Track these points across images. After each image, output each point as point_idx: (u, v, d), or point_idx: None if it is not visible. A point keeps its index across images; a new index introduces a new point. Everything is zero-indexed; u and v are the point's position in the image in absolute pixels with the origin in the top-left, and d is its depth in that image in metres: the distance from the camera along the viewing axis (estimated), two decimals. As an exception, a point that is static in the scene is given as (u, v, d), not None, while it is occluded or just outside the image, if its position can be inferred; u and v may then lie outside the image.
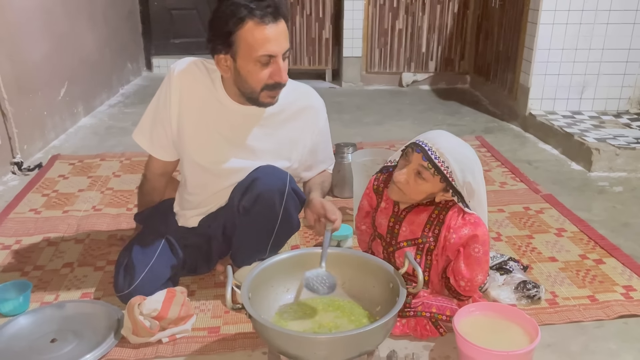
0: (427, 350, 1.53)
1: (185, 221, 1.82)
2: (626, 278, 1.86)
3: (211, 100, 1.66)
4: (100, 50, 4.05)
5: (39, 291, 1.80)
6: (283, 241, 1.80)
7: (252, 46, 1.49)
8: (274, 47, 1.49)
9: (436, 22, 4.56)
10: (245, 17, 1.46)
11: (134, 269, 1.65)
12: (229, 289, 1.23)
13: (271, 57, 1.51)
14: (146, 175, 1.87)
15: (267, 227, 1.67)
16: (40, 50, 3.14)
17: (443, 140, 1.49)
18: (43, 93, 3.15)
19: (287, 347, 1.20)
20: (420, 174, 1.48)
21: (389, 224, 1.61)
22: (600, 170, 2.80)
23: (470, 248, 1.51)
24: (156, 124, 1.72)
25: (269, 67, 1.52)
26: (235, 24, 1.47)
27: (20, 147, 2.86)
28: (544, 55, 3.32)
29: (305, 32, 4.64)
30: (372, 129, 3.57)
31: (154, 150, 1.78)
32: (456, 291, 1.56)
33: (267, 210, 1.63)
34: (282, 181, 1.63)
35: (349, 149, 2.47)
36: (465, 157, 1.49)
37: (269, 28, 1.47)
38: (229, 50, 1.53)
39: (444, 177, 1.47)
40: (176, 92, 1.66)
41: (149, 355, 1.51)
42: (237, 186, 1.67)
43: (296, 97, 1.73)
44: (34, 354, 1.48)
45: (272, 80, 1.54)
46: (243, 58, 1.52)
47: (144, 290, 1.61)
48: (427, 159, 1.45)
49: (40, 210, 2.38)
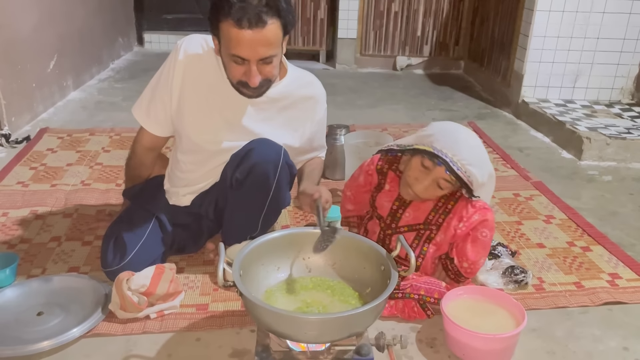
0: (414, 332, 1.54)
1: (177, 200, 1.81)
2: (612, 266, 1.88)
3: (214, 80, 1.65)
4: (91, 23, 3.97)
5: (26, 264, 1.78)
6: (273, 218, 1.80)
7: (227, 43, 1.49)
8: (245, 52, 1.47)
9: (432, 6, 4.53)
10: (226, 14, 1.44)
11: (125, 247, 1.64)
12: (221, 266, 1.22)
13: (243, 59, 1.49)
14: (134, 149, 1.85)
15: (259, 200, 1.67)
16: (30, 21, 3.07)
17: (462, 147, 1.44)
18: (32, 65, 3.09)
19: (277, 326, 1.20)
20: (440, 184, 1.47)
21: (392, 207, 1.61)
22: (591, 159, 2.82)
23: (478, 232, 1.53)
24: (155, 98, 1.70)
25: (243, 66, 1.51)
26: (219, 16, 1.47)
27: (8, 119, 2.82)
28: (539, 42, 3.32)
29: (300, 11, 4.59)
30: (365, 112, 3.56)
31: (148, 123, 1.75)
32: (457, 272, 1.58)
33: (260, 181, 1.63)
34: (277, 153, 1.63)
35: (341, 131, 2.46)
36: (484, 162, 1.48)
37: (243, 32, 1.44)
38: (217, 36, 1.52)
39: (465, 185, 1.46)
40: (180, 70, 1.64)
41: (137, 330, 1.50)
42: (232, 157, 1.67)
43: (300, 85, 1.73)
44: (20, 327, 1.47)
45: (245, 78, 1.53)
46: (222, 48, 1.52)
47: (133, 267, 1.60)
48: (451, 172, 1.43)
49: (28, 184, 2.35)
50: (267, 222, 1.76)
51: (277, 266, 1.44)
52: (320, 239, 1.43)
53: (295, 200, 2.28)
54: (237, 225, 1.73)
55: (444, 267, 1.61)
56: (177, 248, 1.82)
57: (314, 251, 1.43)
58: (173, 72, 1.65)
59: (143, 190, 1.85)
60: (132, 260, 1.63)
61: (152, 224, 1.73)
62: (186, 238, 1.82)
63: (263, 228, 1.74)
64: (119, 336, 1.49)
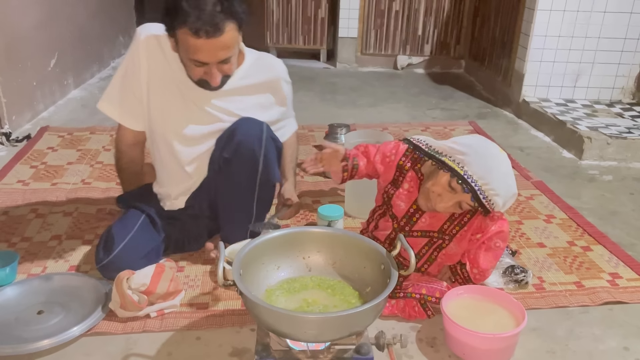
0: (415, 331, 1.54)
1: (171, 204, 1.82)
2: (612, 265, 1.88)
3: (175, 67, 1.65)
4: (92, 21, 3.97)
5: (26, 263, 1.78)
6: (267, 198, 1.78)
7: (186, 49, 1.50)
8: (206, 57, 1.49)
9: (433, 4, 4.52)
10: (183, 23, 1.45)
11: (113, 240, 1.64)
12: (221, 265, 1.22)
13: (203, 63, 1.51)
14: (118, 148, 1.84)
15: (249, 175, 1.67)
16: (31, 19, 3.07)
17: (495, 178, 1.40)
18: (32, 63, 3.09)
19: (277, 325, 1.20)
20: (461, 205, 1.45)
21: (409, 210, 1.58)
22: (591, 159, 2.81)
23: (492, 242, 1.52)
24: (126, 89, 1.70)
25: (203, 67, 1.53)
26: (175, 22, 1.48)
27: (9, 117, 2.82)
28: (540, 42, 3.31)
29: (300, 10, 4.59)
30: (366, 111, 3.55)
31: (124, 118, 1.76)
32: (466, 278, 1.58)
33: (247, 157, 1.64)
34: (260, 129, 1.65)
35: (342, 130, 2.46)
36: (510, 189, 1.44)
37: (201, 41, 1.46)
38: (174, 37, 1.53)
39: (486, 210, 1.44)
40: (144, 56, 1.65)
41: (137, 329, 1.50)
42: (217, 141, 1.69)
43: (260, 68, 1.73)
44: (20, 325, 1.47)
45: (205, 77, 1.55)
46: (180, 50, 1.54)
47: (122, 261, 1.60)
48: (476, 200, 1.40)
49: (28, 182, 2.35)
50: (261, 204, 1.75)
51: (277, 265, 1.44)
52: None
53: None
54: (232, 211, 1.74)
55: (452, 271, 1.61)
56: (177, 246, 1.82)
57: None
58: (139, 59, 1.65)
59: (136, 196, 1.85)
60: (120, 254, 1.62)
61: (141, 219, 1.73)
62: (185, 237, 1.83)
63: (259, 211, 1.75)
64: (119, 335, 1.49)
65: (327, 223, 1.94)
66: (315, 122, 3.22)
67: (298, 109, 2.22)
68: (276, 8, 4.59)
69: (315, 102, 3.71)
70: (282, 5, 4.58)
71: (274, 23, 4.63)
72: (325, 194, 2.34)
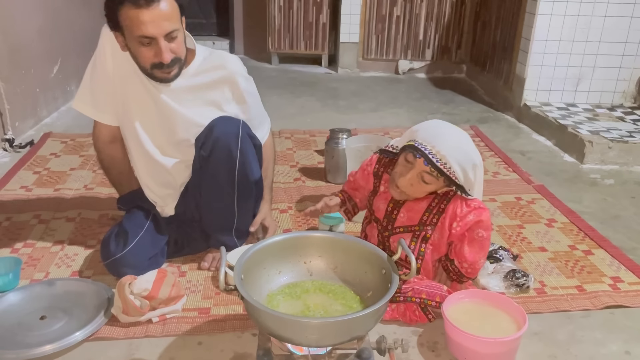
0: (416, 335, 1.54)
1: (162, 210, 1.84)
2: (614, 269, 1.88)
3: (130, 65, 1.66)
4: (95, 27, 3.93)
5: (29, 268, 1.79)
6: (248, 197, 1.78)
7: (130, 28, 1.52)
8: (150, 29, 1.51)
9: (434, 9, 4.54)
10: (121, 1, 1.49)
11: (127, 235, 1.67)
12: (223, 269, 1.23)
13: (150, 38, 1.53)
14: (96, 147, 1.86)
15: (227, 172, 1.69)
16: (34, 25, 3.09)
17: (442, 140, 1.46)
18: (36, 70, 3.11)
19: (279, 330, 1.20)
20: (423, 177, 1.48)
21: (387, 209, 1.62)
22: (593, 163, 2.82)
23: (474, 232, 1.53)
24: (96, 85, 1.73)
25: (151, 47, 1.55)
26: (116, 5, 1.51)
27: (12, 123, 2.84)
28: (540, 46, 3.32)
29: (302, 16, 4.61)
30: (367, 116, 3.56)
31: (99, 114, 1.78)
32: (458, 273, 1.58)
33: (224, 153, 1.66)
34: (237, 126, 1.68)
35: (343, 135, 2.46)
36: (464, 154, 1.48)
37: (143, 12, 1.49)
38: (118, 28, 1.56)
39: (447, 178, 1.47)
40: (109, 52, 1.67)
41: (139, 334, 1.51)
42: (196, 140, 1.71)
43: (211, 66, 1.72)
44: (23, 330, 1.48)
45: (157, 59, 1.57)
46: (128, 37, 1.56)
47: (134, 258, 1.63)
48: (430, 163, 1.45)
49: (31, 188, 2.37)
50: (243, 203, 1.76)
51: (278, 270, 1.44)
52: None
53: (297, 204, 2.29)
54: (214, 210, 1.75)
55: (444, 268, 1.61)
56: (177, 247, 1.85)
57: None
58: (104, 58, 1.68)
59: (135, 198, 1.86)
60: (135, 248, 1.65)
61: (150, 219, 1.77)
62: (184, 238, 1.85)
63: (241, 211, 1.77)
64: (122, 340, 1.49)
65: (328, 228, 1.95)
66: (316, 127, 3.23)
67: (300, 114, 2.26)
68: (278, 14, 4.60)
69: (316, 107, 3.72)
70: (284, 11, 4.60)
71: (276, 29, 4.64)
72: (327, 198, 2.34)
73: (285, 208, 2.24)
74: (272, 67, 4.74)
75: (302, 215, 2.16)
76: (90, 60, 1.74)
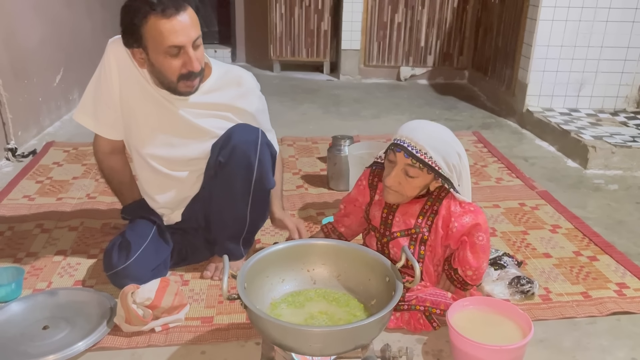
0: (420, 343, 1.53)
1: (168, 219, 1.84)
2: (619, 275, 1.87)
3: (146, 76, 1.66)
4: (97, 36, 4.00)
5: (32, 278, 1.79)
6: (261, 206, 1.77)
7: (159, 39, 1.52)
8: (180, 38, 1.52)
9: (435, 16, 4.55)
10: (148, 12, 1.50)
11: (130, 246, 1.65)
12: (226, 278, 1.22)
13: (179, 47, 1.53)
14: (98, 159, 1.86)
15: (244, 179, 1.67)
16: (36, 35, 3.11)
17: (419, 132, 1.50)
18: (38, 79, 3.12)
19: (282, 339, 1.19)
20: (408, 172, 1.50)
21: (382, 215, 1.62)
22: (596, 168, 2.81)
23: (474, 237, 1.52)
24: (99, 99, 1.72)
25: (180, 57, 1.55)
26: (140, 19, 1.51)
27: (15, 133, 2.84)
28: (542, 52, 3.32)
29: (303, 23, 4.62)
30: (369, 123, 3.56)
31: (100, 128, 1.78)
32: (462, 282, 1.57)
33: (243, 160, 1.65)
34: (255, 134, 1.67)
35: (345, 142, 2.46)
36: (443, 143, 1.51)
37: (172, 21, 1.50)
38: (140, 44, 1.56)
39: (431, 168, 1.48)
40: (115, 66, 1.67)
41: (142, 343, 1.50)
42: (213, 146, 1.70)
43: (229, 82, 1.72)
44: (26, 341, 1.47)
45: (185, 69, 1.57)
46: (153, 51, 1.55)
47: (137, 270, 1.62)
48: (410, 155, 1.47)
49: (33, 197, 2.37)
50: (255, 212, 1.74)
51: (281, 278, 1.44)
52: None
53: (300, 212, 2.29)
54: (225, 218, 1.73)
55: (448, 277, 1.61)
56: (180, 257, 1.83)
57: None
58: (110, 71, 1.67)
59: (139, 207, 1.86)
60: (137, 260, 1.64)
61: (154, 230, 1.75)
62: (188, 247, 1.84)
63: (253, 220, 1.75)
64: (124, 350, 1.49)
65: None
66: (319, 134, 3.23)
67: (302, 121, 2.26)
68: (279, 21, 4.62)
69: (318, 114, 3.72)
70: (286, 18, 4.62)
71: (278, 36, 4.66)
72: (329, 205, 2.34)
73: (288, 216, 2.24)
74: (273, 74, 4.76)
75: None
76: (94, 74, 1.73)
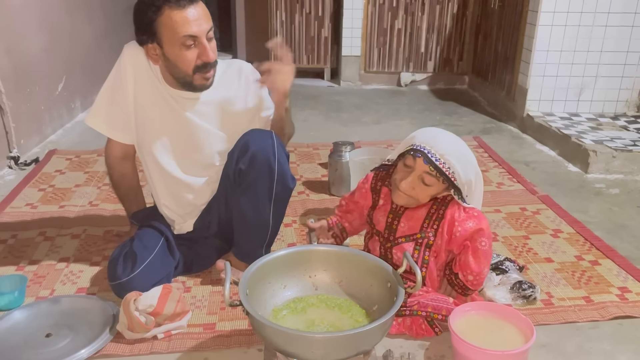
0: (423, 349, 1.53)
1: (180, 228, 1.83)
2: (621, 280, 1.87)
3: (154, 85, 1.68)
4: (99, 45, 4.03)
5: (35, 285, 1.79)
6: (282, 208, 1.77)
7: (174, 30, 1.54)
8: (195, 27, 1.55)
9: (435, 22, 4.57)
10: (162, 4, 1.53)
11: (136, 258, 1.65)
12: (227, 285, 1.23)
13: (194, 37, 1.56)
14: (107, 162, 1.87)
15: (266, 183, 1.68)
16: (38, 43, 3.13)
17: (441, 141, 1.50)
18: (40, 87, 3.14)
19: (284, 345, 1.19)
20: (424, 179, 1.49)
21: (388, 220, 1.62)
22: (597, 172, 2.81)
23: (477, 242, 1.53)
24: (113, 103, 1.73)
25: (194, 48, 1.58)
26: (154, 12, 1.54)
27: (17, 141, 2.85)
28: (542, 56, 3.33)
29: (304, 30, 4.64)
30: (370, 128, 3.57)
31: (113, 132, 1.78)
32: (463, 287, 1.57)
33: (264, 166, 1.65)
34: (271, 138, 1.69)
35: (346, 148, 2.47)
36: (463, 156, 1.51)
37: (186, 11, 1.54)
38: (155, 39, 1.58)
39: (447, 179, 1.48)
40: (130, 69, 1.68)
41: (144, 351, 1.50)
42: (229, 154, 1.71)
43: (229, 76, 1.76)
44: (29, 349, 1.47)
45: (200, 60, 1.59)
46: (168, 43, 1.57)
47: (141, 282, 1.61)
48: (429, 162, 1.46)
49: (36, 205, 2.38)
50: (276, 215, 1.74)
51: (283, 284, 1.44)
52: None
53: (301, 218, 2.29)
54: (248, 224, 1.72)
55: (449, 282, 1.61)
56: (185, 268, 1.83)
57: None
58: (125, 75, 1.69)
59: (150, 215, 1.87)
60: (142, 273, 1.64)
61: (161, 242, 1.75)
62: (194, 258, 1.83)
63: (275, 223, 1.75)
64: (127, 357, 1.49)
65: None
66: (320, 140, 3.24)
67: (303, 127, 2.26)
68: (280, 28, 4.64)
69: (319, 120, 3.73)
70: (286, 25, 4.64)
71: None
72: (331, 211, 2.34)
73: (290, 222, 2.24)
74: (274, 81, 4.76)
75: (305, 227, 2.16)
76: (107, 79, 1.74)
